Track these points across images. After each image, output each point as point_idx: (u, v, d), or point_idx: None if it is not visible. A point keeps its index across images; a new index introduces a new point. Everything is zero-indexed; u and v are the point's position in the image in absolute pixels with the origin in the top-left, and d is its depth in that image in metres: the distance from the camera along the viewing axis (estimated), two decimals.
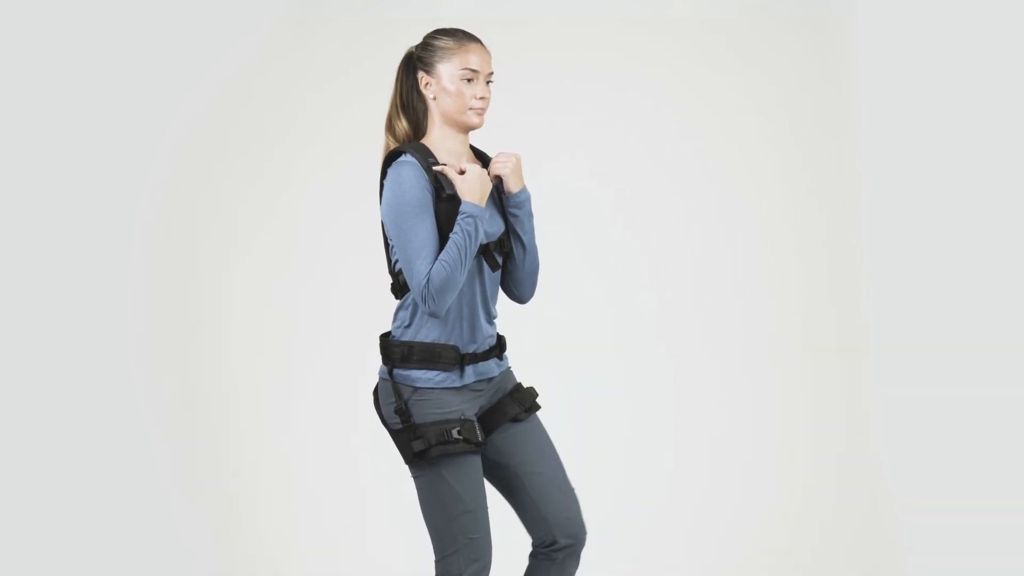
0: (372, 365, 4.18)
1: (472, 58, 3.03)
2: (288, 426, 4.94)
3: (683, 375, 5.08)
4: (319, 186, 4.96)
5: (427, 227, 2.94)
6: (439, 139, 3.07)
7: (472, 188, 2.97)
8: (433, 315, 2.94)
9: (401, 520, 4.80)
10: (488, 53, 3.06)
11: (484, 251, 3.04)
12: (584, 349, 4.99)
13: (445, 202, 2.97)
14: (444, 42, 3.05)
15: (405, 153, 3.01)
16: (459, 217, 2.95)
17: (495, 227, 3.08)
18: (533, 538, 3.14)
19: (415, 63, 3.08)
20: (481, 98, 3.04)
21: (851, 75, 5.01)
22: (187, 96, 4.83)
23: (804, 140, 5.06)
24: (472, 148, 3.16)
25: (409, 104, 3.09)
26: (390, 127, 3.11)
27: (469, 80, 3.02)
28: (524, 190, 3.11)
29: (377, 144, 4.87)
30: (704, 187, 5.08)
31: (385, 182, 3.01)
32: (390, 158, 3.03)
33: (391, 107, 3.11)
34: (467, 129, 3.08)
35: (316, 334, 4.95)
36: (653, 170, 5.06)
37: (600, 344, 5.05)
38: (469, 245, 2.93)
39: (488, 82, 3.06)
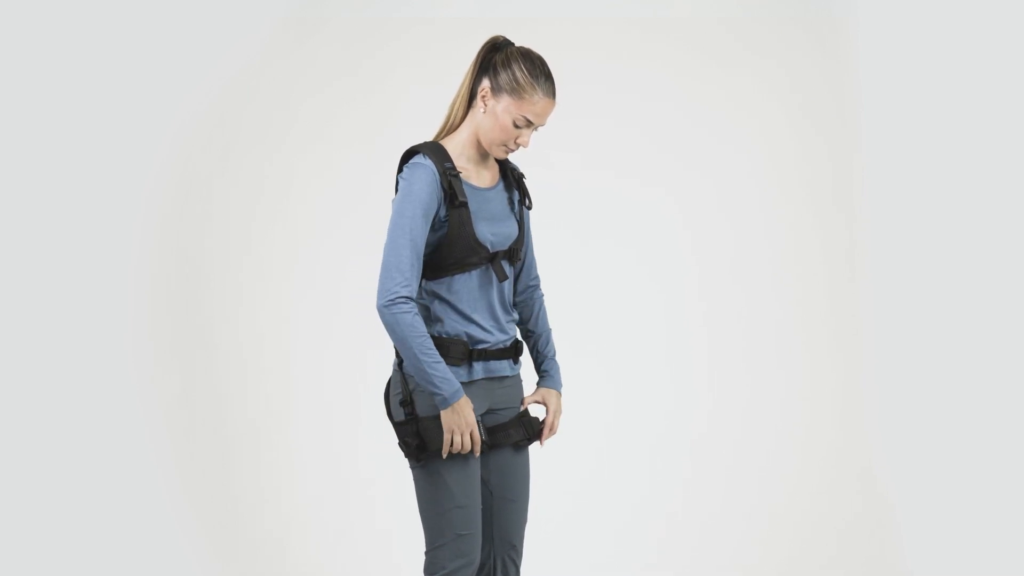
0: (373, 366, 4.19)
1: (536, 111, 2.98)
2: (288, 427, 4.93)
3: (687, 377, 5.09)
4: (320, 186, 4.96)
5: (418, 233, 2.92)
6: (463, 143, 3.04)
7: (447, 419, 2.93)
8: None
9: (401, 521, 4.80)
10: (554, 107, 3.01)
11: (492, 260, 3.02)
12: (582, 350, 4.98)
13: (457, 208, 2.96)
14: (523, 76, 2.96)
15: (421, 154, 2.98)
16: (437, 384, 2.91)
17: (505, 234, 3.05)
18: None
19: (489, 67, 3.01)
20: (519, 145, 3.02)
21: (851, 74, 5.01)
22: (188, 96, 4.83)
23: (803, 139, 5.07)
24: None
25: (472, 96, 3.03)
26: (451, 109, 3.06)
27: (520, 125, 2.99)
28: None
29: (378, 143, 4.92)
30: (704, 187, 5.08)
31: (399, 178, 2.99)
32: (406, 157, 3.01)
33: (462, 92, 3.04)
34: (489, 152, 3.06)
35: (316, 334, 4.95)
36: (653, 170, 5.07)
37: (599, 344, 5.06)
38: (416, 364, 2.90)
39: (535, 130, 3.03)
